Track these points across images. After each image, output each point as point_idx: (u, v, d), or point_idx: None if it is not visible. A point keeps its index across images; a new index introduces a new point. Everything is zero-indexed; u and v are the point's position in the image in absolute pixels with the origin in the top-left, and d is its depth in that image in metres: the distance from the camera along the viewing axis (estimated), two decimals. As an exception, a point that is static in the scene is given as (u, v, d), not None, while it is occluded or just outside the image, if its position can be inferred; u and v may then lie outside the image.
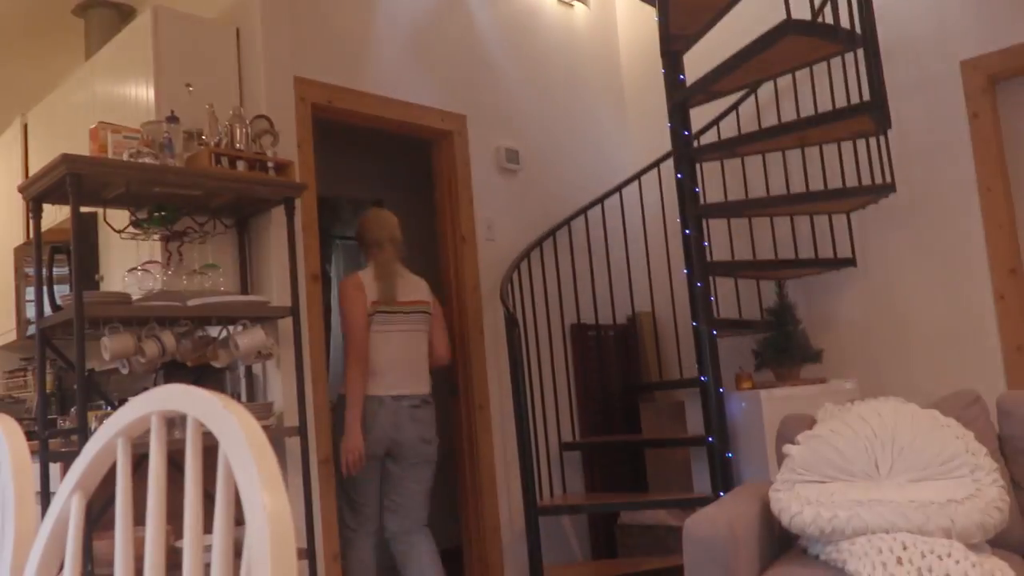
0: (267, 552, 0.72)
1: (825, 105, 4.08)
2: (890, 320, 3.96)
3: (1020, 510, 2.44)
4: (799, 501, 2.29)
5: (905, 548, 2.08)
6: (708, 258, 3.58)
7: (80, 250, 2.58)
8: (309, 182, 3.33)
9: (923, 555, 2.05)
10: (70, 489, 0.97)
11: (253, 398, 3.15)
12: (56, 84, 3.87)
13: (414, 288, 3.50)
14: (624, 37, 5.13)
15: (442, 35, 4.10)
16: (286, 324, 3.11)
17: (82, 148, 2.82)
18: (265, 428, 2.88)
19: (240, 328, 2.84)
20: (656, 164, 4.27)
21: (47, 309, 2.77)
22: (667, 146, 4.05)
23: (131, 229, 2.94)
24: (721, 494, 3.37)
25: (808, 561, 2.30)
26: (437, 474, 3.46)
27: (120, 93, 3.30)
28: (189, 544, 0.86)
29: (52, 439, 2.72)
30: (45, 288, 2.79)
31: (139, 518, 2.11)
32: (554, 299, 4.31)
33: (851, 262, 3.97)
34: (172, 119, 2.87)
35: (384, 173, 5.34)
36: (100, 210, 3.07)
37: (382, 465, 3.35)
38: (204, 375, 2.96)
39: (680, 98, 3.60)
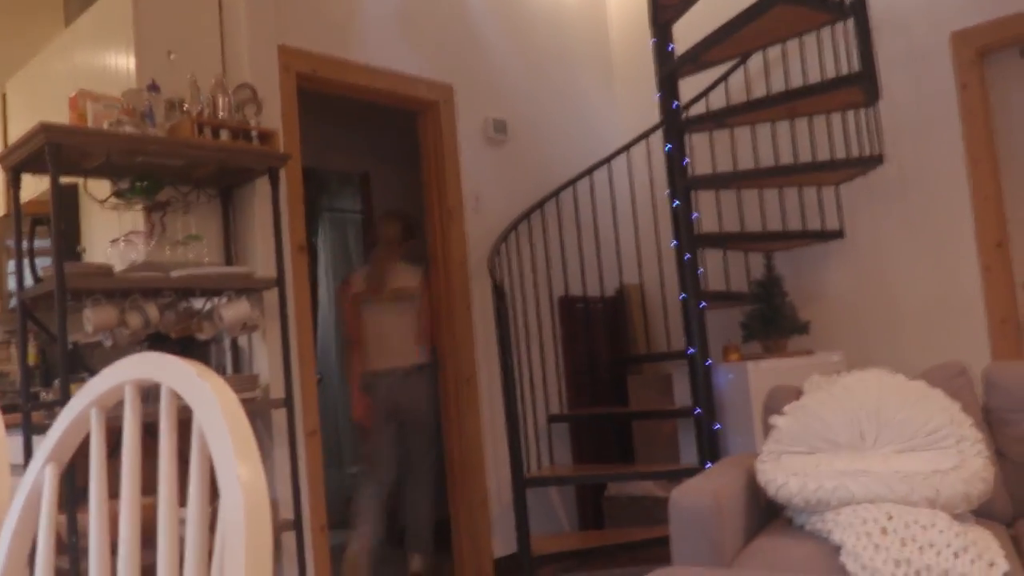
0: (242, 524, 0.70)
1: (815, 77, 4.05)
2: (877, 292, 3.96)
3: (1004, 481, 2.45)
4: (785, 472, 2.30)
5: (890, 518, 2.08)
6: (696, 230, 3.56)
7: (61, 221, 2.54)
8: (294, 152, 3.28)
9: (907, 525, 2.06)
10: (43, 460, 0.94)
11: (239, 370, 3.13)
12: (35, 53, 3.79)
13: (401, 276, 4.03)
14: (613, 6, 5.07)
15: (430, 4, 4.04)
16: (271, 296, 3.08)
17: (62, 118, 2.76)
18: (250, 400, 2.86)
19: (225, 300, 2.81)
20: (645, 136, 4.23)
21: (28, 281, 2.73)
22: (656, 118, 4.02)
23: (113, 199, 2.89)
24: (708, 465, 3.38)
25: (793, 531, 2.31)
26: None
27: (100, 62, 3.23)
28: (164, 516, 0.84)
29: (35, 411, 2.69)
30: (26, 260, 2.75)
31: (118, 492, 2.09)
32: (542, 272, 4.29)
33: (839, 234, 3.96)
34: (153, 88, 2.81)
35: (371, 144, 5.29)
36: (81, 180, 3.02)
37: (395, 427, 3.96)
38: (189, 348, 2.93)
39: (669, 69, 3.56)
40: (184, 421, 2.31)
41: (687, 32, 4.16)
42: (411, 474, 4.09)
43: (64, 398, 2.46)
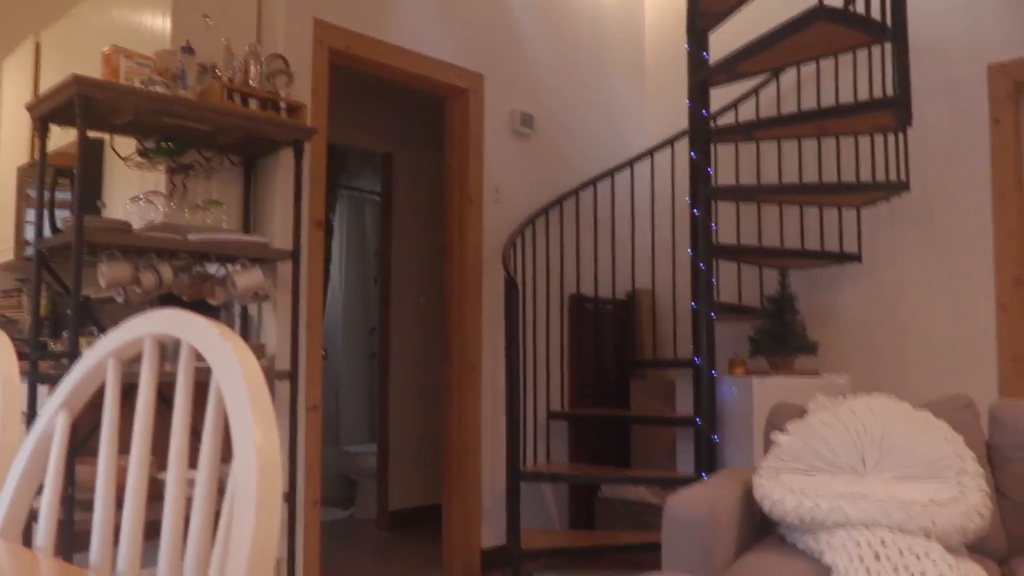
0: (253, 486, 0.71)
1: (847, 97, 4.03)
2: (890, 319, 3.95)
3: (1001, 518, 2.44)
4: (782, 489, 2.29)
5: (884, 544, 2.08)
6: (714, 241, 3.55)
7: (84, 174, 2.55)
8: (321, 127, 3.29)
9: (901, 553, 2.05)
10: (56, 407, 0.95)
11: (246, 339, 3.14)
12: (72, 5, 3.81)
13: None
14: (650, 10, 5.05)
15: (467, -10, 4.03)
16: (285, 268, 3.09)
17: (94, 72, 2.77)
18: (256, 370, 2.87)
19: (239, 267, 2.82)
20: (671, 141, 4.23)
21: (47, 231, 2.74)
22: (683, 124, 4.00)
23: (137, 158, 2.90)
24: (704, 476, 3.38)
25: (786, 548, 2.31)
26: (427, 434, 3.55)
27: (136, 20, 3.24)
28: (173, 475, 0.85)
29: (42, 361, 2.71)
30: (46, 210, 2.76)
31: (125, 447, 2.10)
32: (555, 268, 4.28)
33: (856, 257, 3.94)
34: (187, 50, 2.82)
35: (396, 126, 5.29)
36: (107, 136, 3.03)
37: None
38: (199, 312, 2.93)
39: (703, 76, 3.55)
40: (198, 388, 2.32)
41: (723, 41, 4.14)
42: None
43: (73, 350, 2.47)
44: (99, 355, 0.94)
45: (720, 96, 4.43)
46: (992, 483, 2.49)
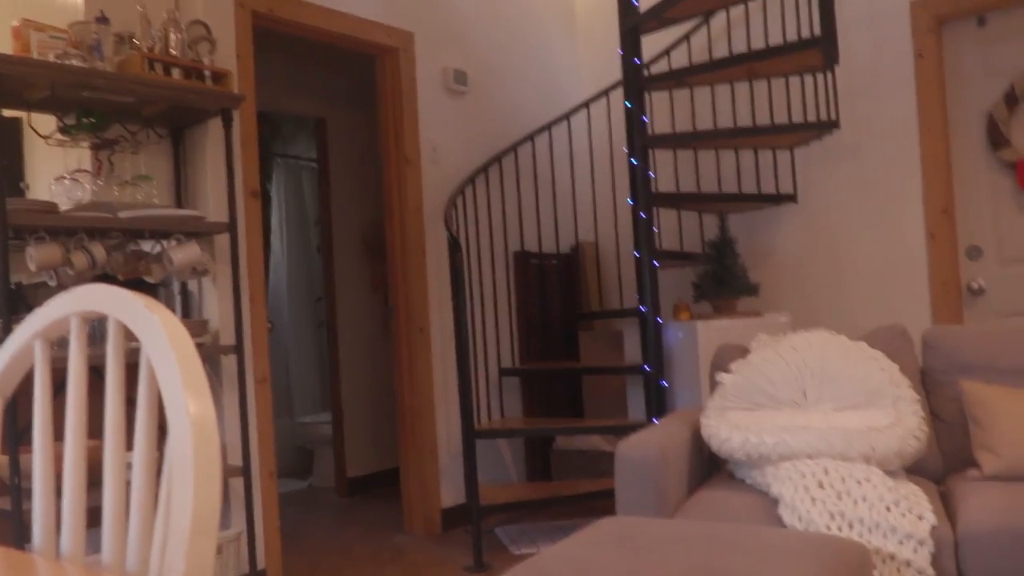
0: (190, 458, 0.70)
1: (776, 39, 4.06)
2: (827, 256, 4.04)
3: (936, 440, 2.55)
4: (728, 427, 2.36)
5: (827, 472, 2.16)
6: (653, 189, 3.58)
7: (3, 156, 2.46)
8: (248, 94, 3.21)
9: (843, 479, 2.13)
10: (-15, 393, 0.93)
11: (188, 315, 3.09)
12: (-25, -22, 3.62)
13: None
14: (578, -40, 5.01)
15: (391, -54, 3.95)
16: (223, 241, 3.03)
17: (4, 48, 2.66)
18: (200, 346, 2.83)
19: (174, 243, 2.76)
20: (605, 92, 4.22)
21: (-32, 216, 2.64)
22: (617, 74, 4.00)
23: (58, 135, 2.80)
24: (655, 421, 3.45)
25: (735, 484, 2.38)
26: (380, 399, 3.55)
27: (45, -10, 3.10)
28: (110, 454, 0.83)
29: (-25, 351, 2.63)
30: (-35, 194, 2.65)
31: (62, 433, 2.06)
32: (498, 226, 4.28)
33: (792, 198, 4.02)
34: (102, 20, 2.72)
35: (328, 90, 5.18)
36: (24, 115, 2.91)
37: None
38: (137, 290, 2.87)
39: (633, 23, 3.54)
40: (131, 365, 2.27)
41: (651, -12, 4.13)
42: None
43: (5, 337, 2.40)
44: (25, 337, 0.92)
45: (652, 44, 4.43)
46: (927, 407, 2.59)
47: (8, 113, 2.79)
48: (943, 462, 2.54)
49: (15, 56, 2.50)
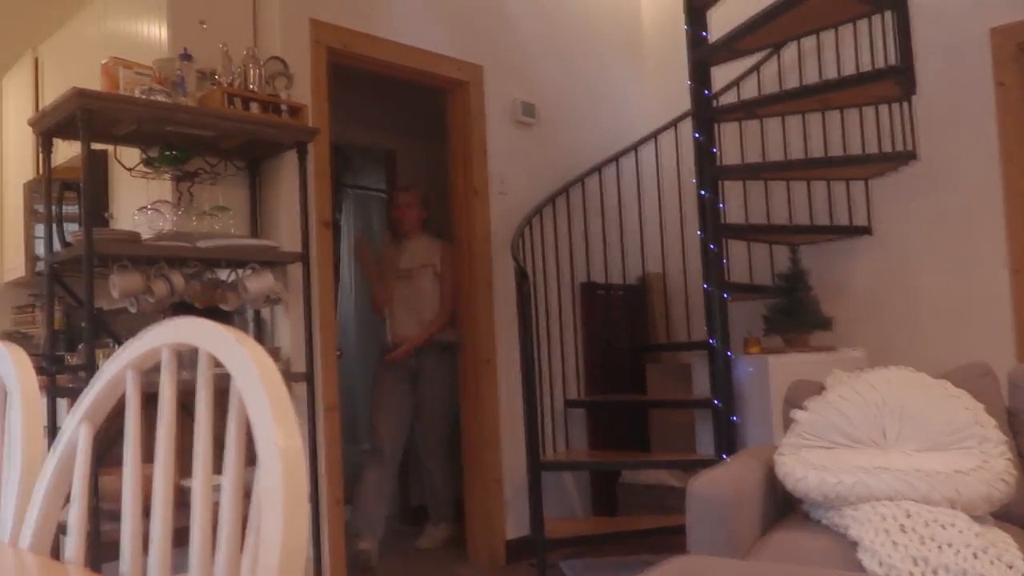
0: (279, 489, 0.71)
1: (849, 69, 4.00)
2: (903, 290, 3.92)
3: (1025, 483, 2.43)
4: (804, 465, 2.29)
5: (909, 516, 2.07)
6: (722, 221, 3.54)
7: (90, 187, 2.56)
8: (323, 127, 3.29)
9: (927, 524, 2.05)
10: (78, 419, 0.96)
11: (261, 343, 3.15)
12: (68, 18, 3.81)
13: (423, 251, 4.29)
14: (646, -8, 5.02)
15: (461, -18, 4.02)
16: (295, 270, 3.10)
17: (94, 84, 2.78)
18: (272, 373, 2.88)
19: (249, 272, 2.83)
20: (674, 123, 4.20)
21: (56, 245, 2.75)
22: (685, 105, 3.98)
23: (142, 168, 2.91)
24: (724, 457, 3.38)
25: (810, 525, 2.30)
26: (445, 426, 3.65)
27: (133, 29, 3.25)
28: (199, 482, 0.85)
29: (59, 375, 2.72)
30: (55, 224, 2.77)
31: (147, 456, 2.12)
32: (564, 256, 4.28)
33: (866, 230, 3.92)
34: (185, 57, 2.83)
35: (397, 122, 5.28)
36: (111, 148, 3.04)
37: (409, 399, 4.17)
38: (213, 318, 2.94)
39: (702, 55, 3.53)
40: (217, 394, 2.33)
41: (722, 18, 4.11)
42: (425, 447, 4.24)
43: (89, 362, 2.49)
44: (118, 367, 0.94)
45: (722, 73, 4.40)
46: (1015, 449, 2.48)
47: (96, 146, 2.92)
48: (1033, 508, 2.42)
49: (105, 93, 2.62)
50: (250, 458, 0.78)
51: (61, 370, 2.74)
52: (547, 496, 4.07)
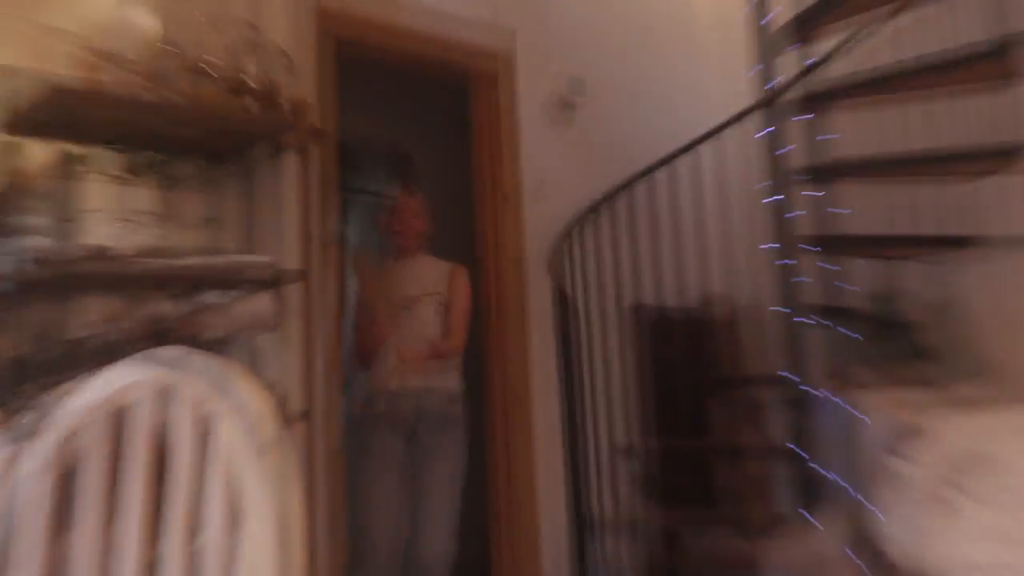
0: (268, 560, 0.68)
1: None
2: None
3: None
4: (913, 531, 2.22)
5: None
6: (813, 231, 3.49)
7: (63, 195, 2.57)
8: (330, 128, 3.29)
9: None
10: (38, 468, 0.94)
11: (254, 375, 3.14)
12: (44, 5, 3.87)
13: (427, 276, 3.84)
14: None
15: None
16: (294, 291, 3.09)
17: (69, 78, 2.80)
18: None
19: (242, 293, 2.83)
20: (740, 117, 4.14)
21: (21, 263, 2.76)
22: (746, 100, 3.93)
23: (123, 174, 2.93)
24: (807, 515, 3.31)
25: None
26: (470, 476, 3.56)
27: (118, 19, 3.28)
28: (175, 538, 0.82)
29: (17, 412, 2.73)
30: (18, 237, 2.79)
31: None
32: (611, 276, 4.22)
33: (980, 242, 3.83)
34: (175, 49, 2.85)
35: (414, 121, 5.29)
36: (87, 150, 3.06)
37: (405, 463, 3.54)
38: (199, 347, 2.95)
39: (771, 41, 3.50)
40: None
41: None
42: (423, 508, 3.55)
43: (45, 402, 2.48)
44: (85, 405, 0.92)
45: (794, 61, 4.35)
46: None
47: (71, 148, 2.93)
48: None
49: (82, 90, 2.62)
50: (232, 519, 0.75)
51: (21, 406, 2.74)
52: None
